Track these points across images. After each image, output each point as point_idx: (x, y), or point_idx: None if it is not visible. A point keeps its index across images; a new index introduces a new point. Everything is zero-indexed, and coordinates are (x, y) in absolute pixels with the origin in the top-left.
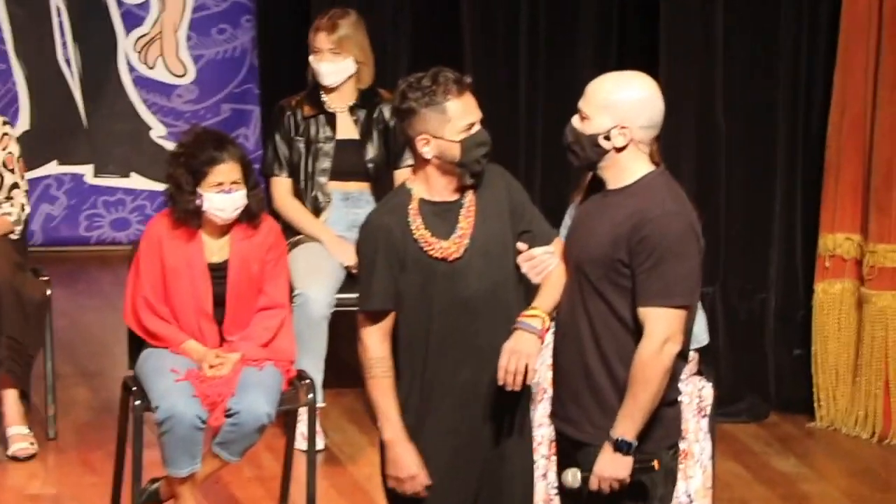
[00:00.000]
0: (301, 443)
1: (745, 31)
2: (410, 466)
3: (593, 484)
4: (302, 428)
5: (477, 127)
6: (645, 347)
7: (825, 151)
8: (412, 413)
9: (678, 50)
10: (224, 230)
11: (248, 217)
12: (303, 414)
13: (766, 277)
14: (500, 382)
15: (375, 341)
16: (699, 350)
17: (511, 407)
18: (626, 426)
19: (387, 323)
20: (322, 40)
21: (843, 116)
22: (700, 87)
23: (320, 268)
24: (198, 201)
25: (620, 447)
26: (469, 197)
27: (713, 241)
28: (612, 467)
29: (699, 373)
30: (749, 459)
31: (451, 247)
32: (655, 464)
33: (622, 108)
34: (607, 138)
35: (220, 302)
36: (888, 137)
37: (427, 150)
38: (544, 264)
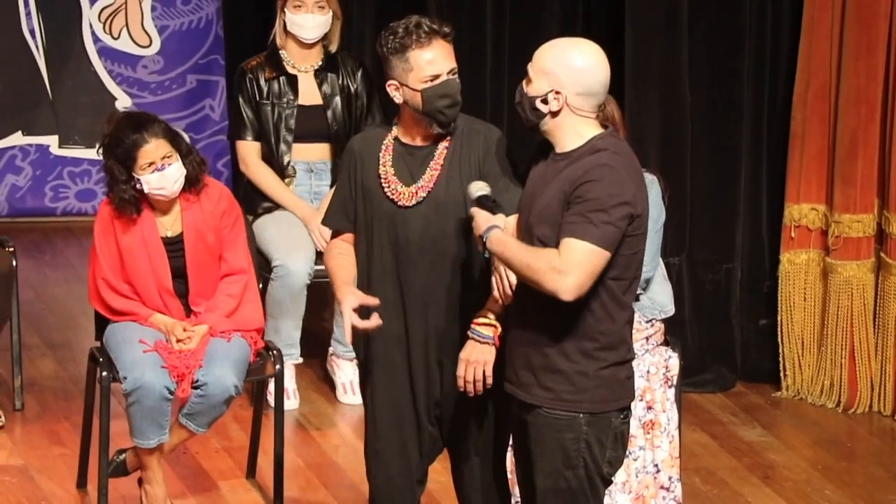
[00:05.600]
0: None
1: (709, 1)
2: (344, 302)
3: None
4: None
5: (443, 78)
6: (554, 258)
7: (790, 122)
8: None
9: (643, 21)
10: (172, 203)
11: (190, 184)
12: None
13: (732, 248)
14: (462, 390)
15: None
16: (665, 321)
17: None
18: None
19: (348, 238)
20: None
21: (808, 87)
22: (665, 58)
23: (298, 238)
24: (137, 186)
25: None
26: (441, 147)
27: (679, 211)
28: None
29: (665, 343)
30: (715, 429)
31: (405, 193)
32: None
33: (558, 74)
34: (545, 102)
35: (179, 275)
36: (853, 108)
37: (397, 96)
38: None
